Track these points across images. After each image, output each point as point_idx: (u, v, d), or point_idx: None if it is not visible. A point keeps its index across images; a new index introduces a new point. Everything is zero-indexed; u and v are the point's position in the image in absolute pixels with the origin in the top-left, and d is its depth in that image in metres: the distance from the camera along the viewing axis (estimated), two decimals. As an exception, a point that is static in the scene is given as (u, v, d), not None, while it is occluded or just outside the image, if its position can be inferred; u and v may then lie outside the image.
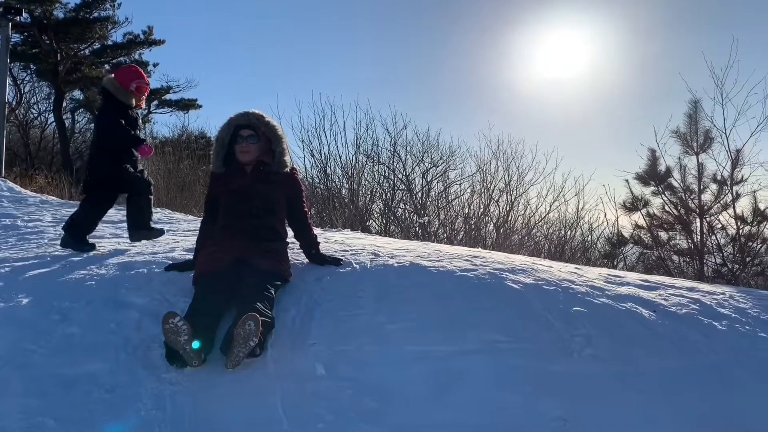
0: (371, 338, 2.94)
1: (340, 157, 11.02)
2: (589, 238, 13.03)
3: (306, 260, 3.77)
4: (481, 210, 13.38)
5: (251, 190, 3.43)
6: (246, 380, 2.66)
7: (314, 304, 3.19)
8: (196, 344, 2.63)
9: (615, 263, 8.91)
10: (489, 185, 13.38)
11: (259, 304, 2.86)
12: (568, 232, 13.41)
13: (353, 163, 11.10)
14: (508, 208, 13.34)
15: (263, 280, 3.08)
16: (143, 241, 4.58)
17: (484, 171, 13.32)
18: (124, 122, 4.49)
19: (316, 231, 5.71)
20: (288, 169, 3.57)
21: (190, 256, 3.66)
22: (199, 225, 3.77)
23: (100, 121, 4.83)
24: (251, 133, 3.45)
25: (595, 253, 10.70)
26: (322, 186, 10.88)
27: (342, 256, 3.84)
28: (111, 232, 5.51)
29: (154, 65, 19.00)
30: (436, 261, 3.80)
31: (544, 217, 13.61)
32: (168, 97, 19.50)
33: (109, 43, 17.92)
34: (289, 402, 2.54)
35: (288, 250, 3.55)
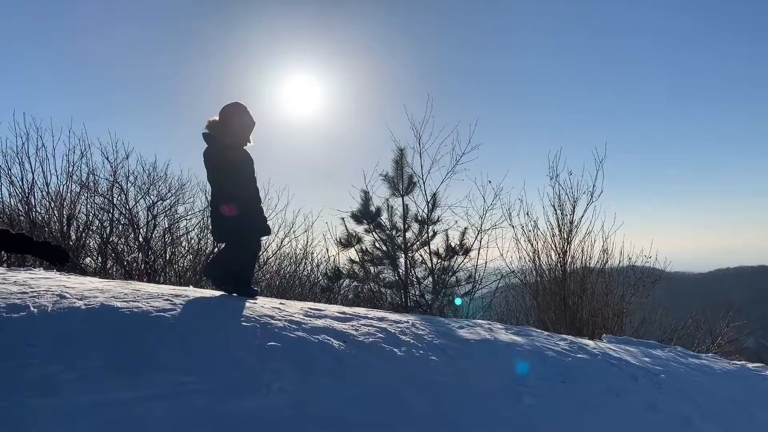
0: (40, 391, 2.65)
1: (48, 186, 9.81)
2: (316, 273, 13.69)
3: None
4: (211, 246, 13.11)
5: None
6: None
7: (-30, 357, 2.77)
8: None
9: (335, 296, 9.45)
10: (220, 220, 13.19)
11: None
12: (298, 268, 13.92)
13: (64, 194, 9.97)
14: (239, 244, 13.30)
15: None
16: None
17: (215, 206, 13.11)
18: (229, 161, 4.54)
19: (12, 272, 5.00)
20: None
21: None
22: None
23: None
24: None
25: (320, 287, 11.22)
26: (23, 218, 9.54)
27: (19, 299, 3.42)
28: None
29: None
30: (132, 302, 3.61)
31: (276, 253, 13.94)
32: None
33: None
34: None
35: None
